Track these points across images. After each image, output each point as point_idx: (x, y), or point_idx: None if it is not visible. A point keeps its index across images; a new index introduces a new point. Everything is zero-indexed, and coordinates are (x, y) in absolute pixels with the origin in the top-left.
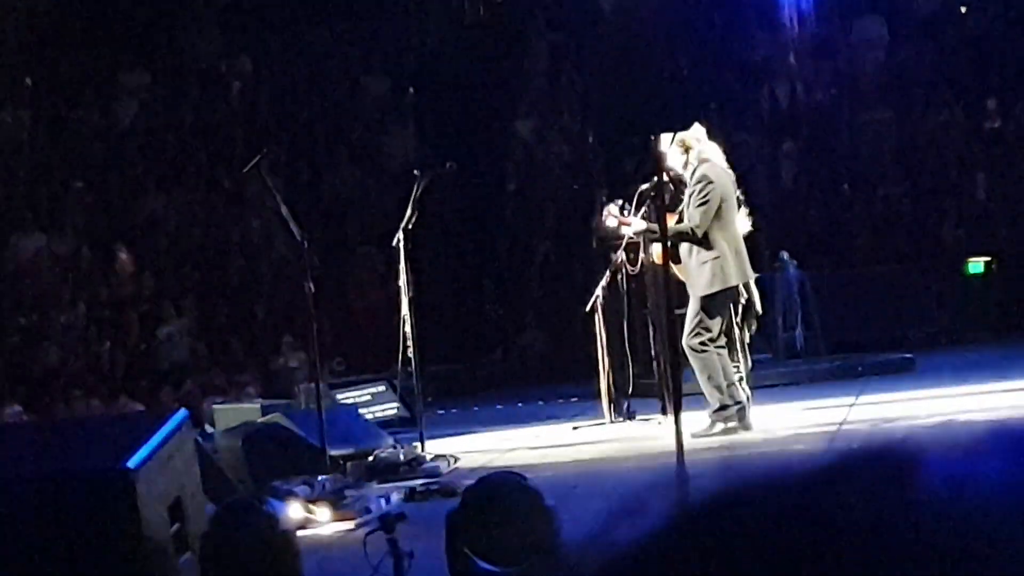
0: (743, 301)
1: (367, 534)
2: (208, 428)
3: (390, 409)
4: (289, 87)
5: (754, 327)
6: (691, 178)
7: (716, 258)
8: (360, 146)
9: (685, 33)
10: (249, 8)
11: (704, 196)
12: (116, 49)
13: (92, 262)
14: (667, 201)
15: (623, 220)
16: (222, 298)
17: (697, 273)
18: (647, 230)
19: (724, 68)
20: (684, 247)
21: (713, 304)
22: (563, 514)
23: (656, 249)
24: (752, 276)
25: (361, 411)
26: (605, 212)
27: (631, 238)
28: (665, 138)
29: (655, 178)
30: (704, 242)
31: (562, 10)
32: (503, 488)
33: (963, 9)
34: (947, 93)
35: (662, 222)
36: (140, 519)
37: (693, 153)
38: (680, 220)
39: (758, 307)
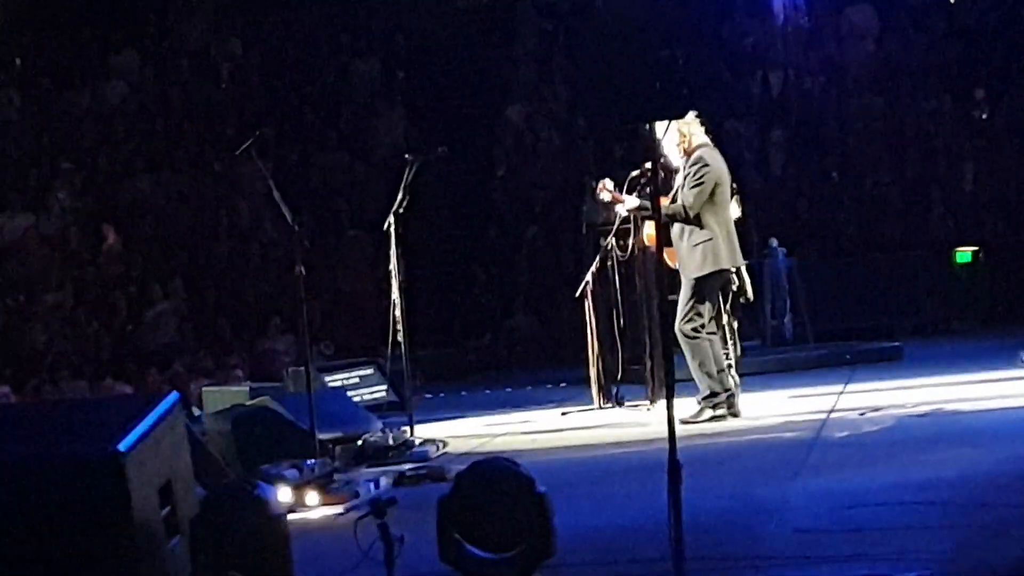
0: (734, 288)
1: (358, 519)
2: (195, 411)
3: (378, 393)
4: (279, 70)
5: (738, 312)
6: (687, 161)
7: (708, 240)
8: (350, 129)
9: (678, 21)
10: None
11: (699, 178)
12: (106, 30)
13: (80, 243)
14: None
15: (617, 196)
16: (210, 280)
17: (688, 255)
18: (640, 207)
19: (715, 56)
20: (676, 230)
21: (705, 286)
22: (554, 500)
23: (645, 230)
24: (742, 262)
25: (349, 395)
26: (600, 185)
27: (622, 222)
28: (660, 125)
29: (646, 164)
30: (696, 223)
31: None
32: (495, 474)
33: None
34: (936, 83)
35: (656, 205)
36: (130, 502)
37: (688, 139)
38: (673, 201)
39: (749, 293)
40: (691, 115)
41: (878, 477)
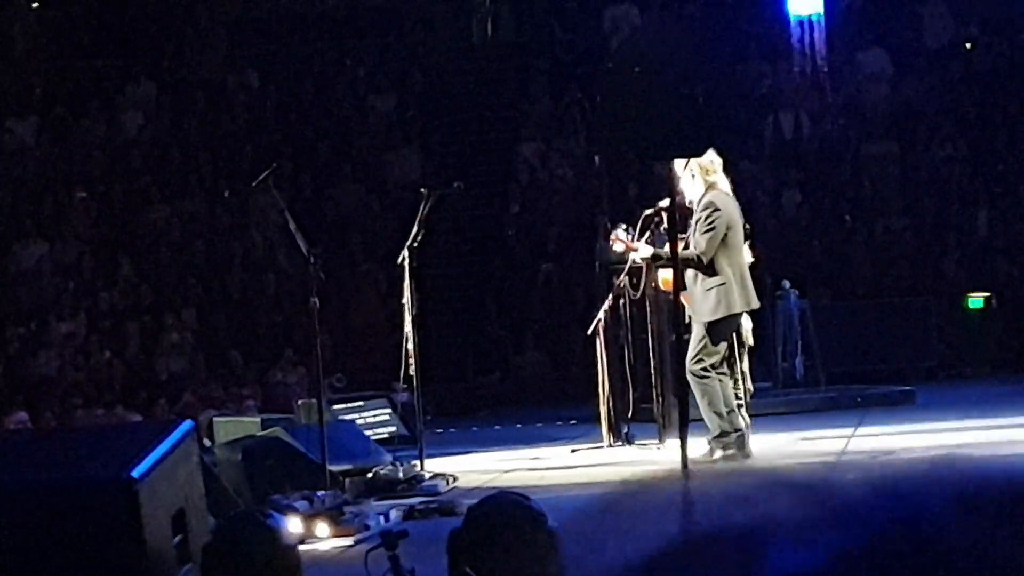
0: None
1: (369, 551)
2: (206, 441)
3: (389, 426)
4: (295, 103)
5: (746, 358)
6: (698, 204)
7: (721, 284)
8: (364, 163)
9: (696, 61)
10: (257, 23)
11: (710, 223)
12: (123, 60)
13: (94, 271)
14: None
15: (630, 245)
16: (223, 311)
17: (702, 299)
18: (654, 256)
19: (732, 97)
20: (689, 273)
21: (717, 330)
22: (565, 537)
23: (660, 274)
24: (756, 304)
25: (360, 427)
26: (612, 236)
27: (635, 263)
28: (678, 163)
29: (659, 203)
30: (709, 268)
31: (569, 33)
32: (507, 508)
33: (968, 45)
34: (951, 128)
35: (673, 245)
36: (142, 529)
37: (700, 179)
38: (686, 246)
39: (749, 339)
40: (713, 154)
41: None
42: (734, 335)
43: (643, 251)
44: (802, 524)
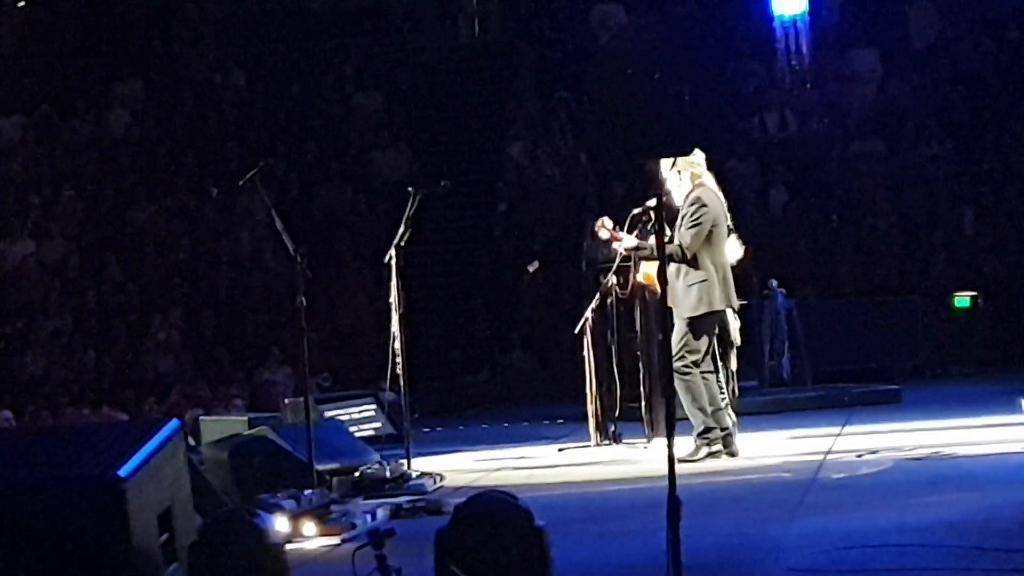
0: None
1: (356, 549)
2: (192, 440)
3: (376, 425)
4: (282, 101)
5: (733, 356)
6: (684, 201)
7: (703, 281)
8: (351, 162)
9: (684, 59)
10: (244, 22)
11: (696, 219)
12: (111, 59)
13: (81, 270)
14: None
15: (615, 235)
16: (210, 310)
17: (684, 295)
18: (638, 247)
19: (721, 96)
20: (672, 269)
21: (698, 327)
22: (552, 535)
23: (642, 268)
24: (737, 303)
25: (347, 426)
26: (599, 223)
27: (622, 260)
28: (664, 162)
29: (647, 202)
30: (692, 264)
31: (556, 32)
32: (494, 507)
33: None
34: (938, 128)
35: (659, 241)
36: (129, 528)
37: (687, 176)
38: (670, 242)
39: (735, 337)
40: (698, 153)
41: (874, 519)
42: (721, 334)
43: (628, 241)
44: None
